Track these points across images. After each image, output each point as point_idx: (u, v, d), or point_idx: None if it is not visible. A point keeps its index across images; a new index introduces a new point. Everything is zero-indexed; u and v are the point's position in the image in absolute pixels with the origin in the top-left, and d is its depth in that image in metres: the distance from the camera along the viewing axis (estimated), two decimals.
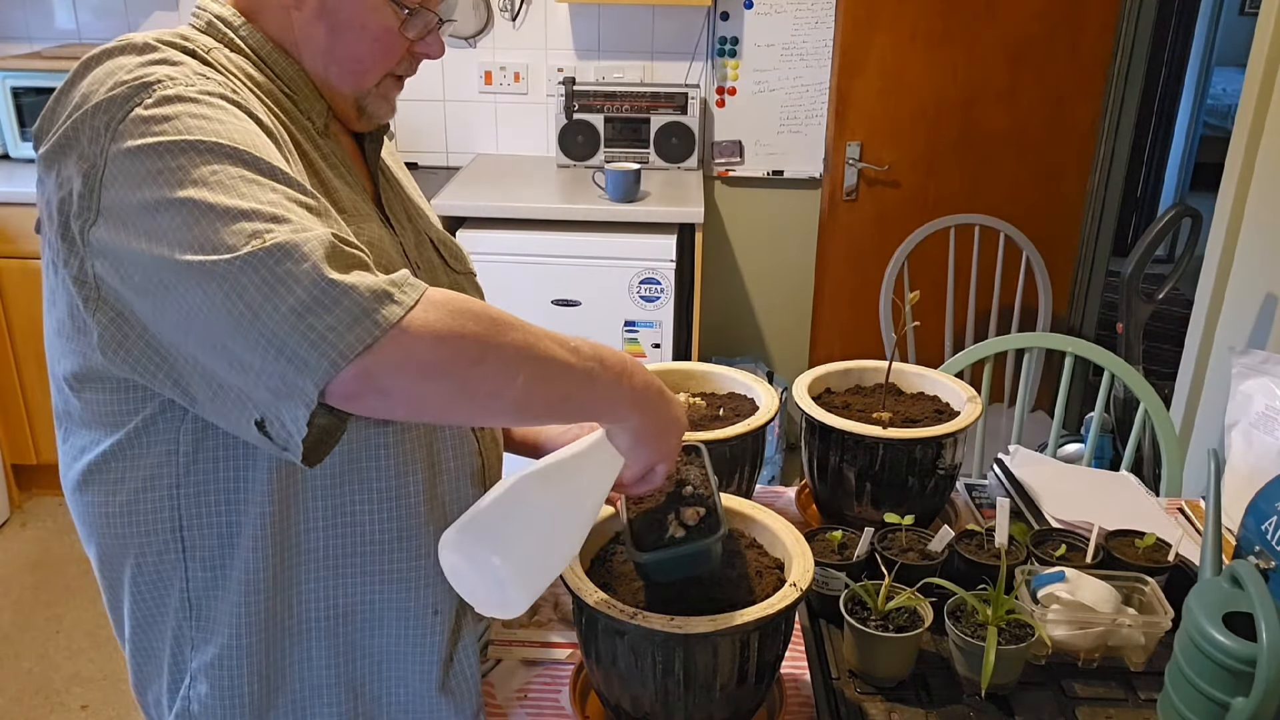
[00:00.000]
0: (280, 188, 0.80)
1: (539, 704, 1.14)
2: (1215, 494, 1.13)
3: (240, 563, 0.94)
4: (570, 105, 3.28)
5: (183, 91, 0.83)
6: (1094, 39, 3.13)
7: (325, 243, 0.75)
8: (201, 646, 0.97)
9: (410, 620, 1.02)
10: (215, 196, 0.77)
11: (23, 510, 3.28)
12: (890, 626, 1.09)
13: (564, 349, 0.84)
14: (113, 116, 0.81)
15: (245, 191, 0.78)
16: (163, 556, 0.96)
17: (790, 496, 1.57)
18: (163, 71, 0.84)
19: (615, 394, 0.90)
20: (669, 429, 0.96)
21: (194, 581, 0.96)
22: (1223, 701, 0.94)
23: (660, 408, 0.94)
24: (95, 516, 0.97)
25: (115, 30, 3.37)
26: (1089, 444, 2.19)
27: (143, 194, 0.79)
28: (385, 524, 0.97)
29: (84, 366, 0.90)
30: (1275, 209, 2.31)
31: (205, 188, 0.77)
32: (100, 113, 0.81)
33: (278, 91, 0.98)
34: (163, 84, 0.83)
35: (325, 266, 0.74)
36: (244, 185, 0.78)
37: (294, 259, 0.74)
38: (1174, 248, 5.28)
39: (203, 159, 0.79)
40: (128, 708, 2.46)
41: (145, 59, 0.85)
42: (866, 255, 3.34)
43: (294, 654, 0.99)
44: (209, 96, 0.84)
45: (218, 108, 0.83)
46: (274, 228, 0.75)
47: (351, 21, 0.98)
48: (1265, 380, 1.56)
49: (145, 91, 0.82)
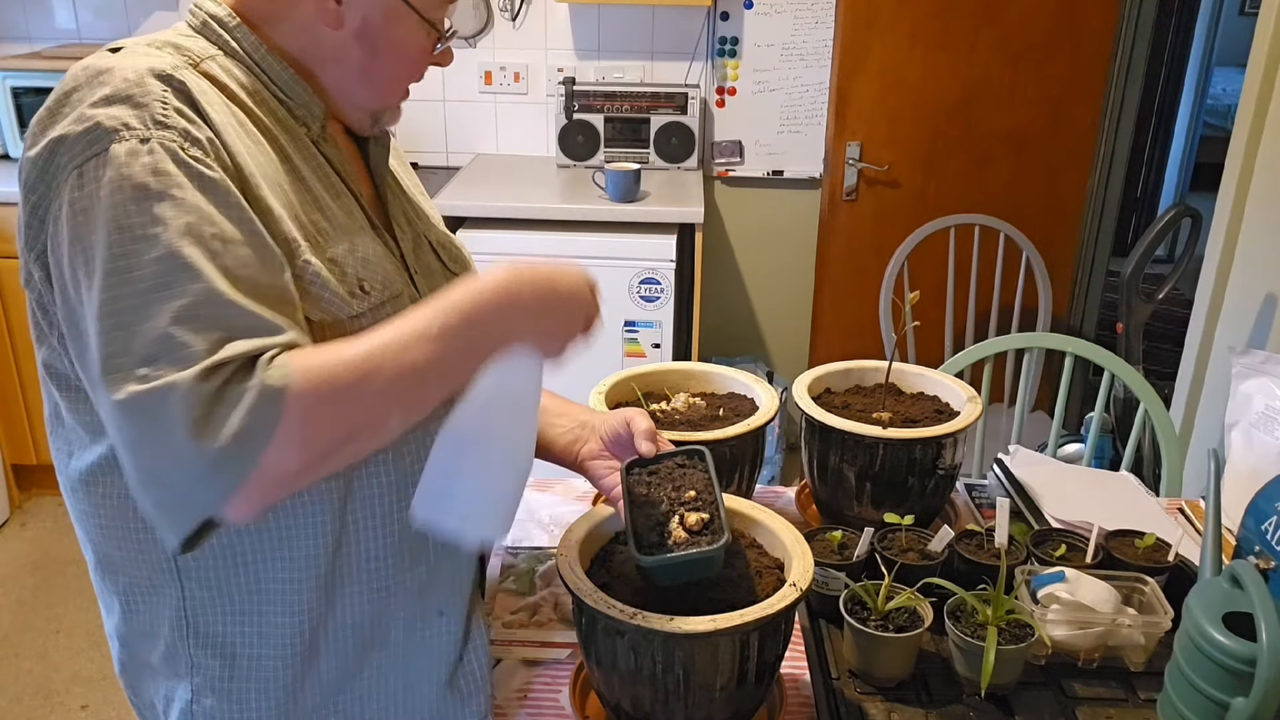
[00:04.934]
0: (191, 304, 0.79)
1: (539, 704, 1.14)
2: (1215, 494, 1.13)
3: (239, 586, 0.94)
4: (570, 105, 3.28)
5: (152, 159, 0.82)
6: (1094, 39, 3.13)
7: (190, 399, 0.75)
8: (202, 664, 0.97)
9: (416, 625, 1.02)
10: (125, 306, 0.78)
11: (23, 510, 3.28)
12: (890, 626, 1.09)
13: (425, 346, 0.84)
14: (73, 158, 0.82)
15: (149, 312, 0.78)
16: (157, 573, 0.95)
17: (790, 496, 1.57)
18: (135, 123, 0.83)
19: (497, 341, 0.89)
20: (557, 313, 0.93)
21: (190, 601, 0.95)
22: (1223, 701, 0.94)
23: (541, 311, 0.91)
24: (89, 522, 0.97)
25: (115, 30, 3.37)
26: (1089, 444, 2.19)
27: (76, 249, 0.82)
28: (388, 538, 0.97)
29: (51, 360, 0.91)
30: (1275, 209, 2.30)
31: (120, 288, 0.79)
32: (65, 148, 0.83)
33: (273, 99, 0.96)
34: (125, 136, 0.82)
35: (189, 430, 0.75)
36: (153, 302, 0.78)
37: (164, 414, 0.75)
38: (1174, 248, 5.28)
39: (139, 249, 0.79)
40: (128, 708, 2.45)
41: (126, 95, 0.84)
42: (866, 255, 3.34)
43: (299, 668, 0.98)
44: (176, 167, 0.83)
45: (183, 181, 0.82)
46: (151, 375, 0.76)
47: (392, 43, 0.98)
48: (1265, 380, 1.56)
49: (110, 139, 0.82)
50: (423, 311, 0.85)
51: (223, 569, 0.94)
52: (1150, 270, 2.86)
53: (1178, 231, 2.93)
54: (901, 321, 2.99)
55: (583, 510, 1.49)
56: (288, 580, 0.95)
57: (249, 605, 0.95)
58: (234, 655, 0.96)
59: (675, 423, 1.37)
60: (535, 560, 1.38)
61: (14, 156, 3.23)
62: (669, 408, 1.41)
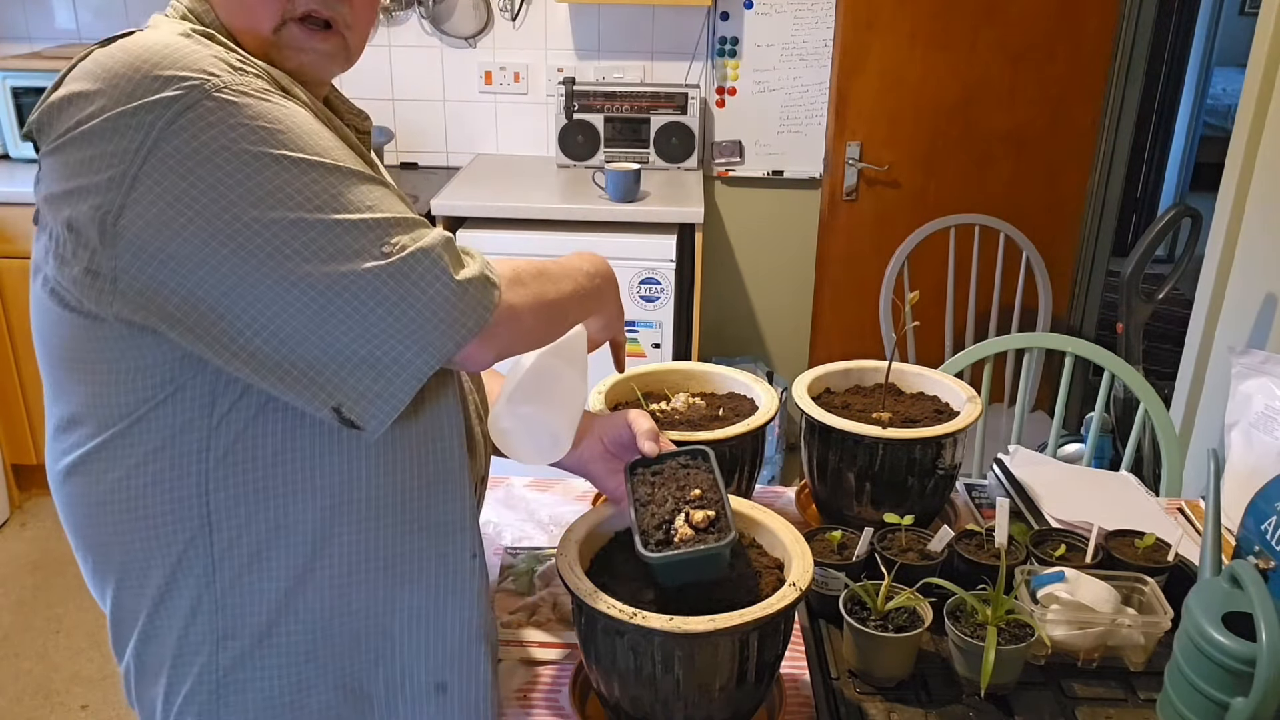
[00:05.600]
0: (376, 186, 0.90)
1: (539, 704, 1.14)
2: (1215, 494, 1.13)
3: (264, 517, 0.94)
4: (570, 105, 3.28)
5: (237, 93, 0.85)
6: (1094, 39, 3.13)
7: (445, 244, 0.89)
8: (236, 613, 0.96)
9: (449, 565, 1.01)
10: (327, 210, 0.86)
11: (23, 510, 3.28)
12: (890, 626, 1.09)
13: (582, 278, 1.06)
14: (160, 114, 0.82)
15: (352, 199, 0.87)
16: (179, 533, 0.94)
17: (790, 496, 1.57)
18: (213, 69, 0.86)
19: (598, 305, 1.12)
20: (619, 306, 1.19)
21: (217, 560, 0.94)
22: (1222, 702, 0.94)
23: (617, 299, 1.17)
24: (87, 505, 0.95)
25: (115, 30, 3.35)
26: (1089, 444, 2.19)
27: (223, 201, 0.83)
28: (423, 470, 0.98)
29: (82, 331, 0.89)
30: (1275, 209, 2.30)
31: (313, 199, 0.85)
32: (146, 110, 0.82)
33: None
34: (213, 82, 0.84)
35: (450, 269, 0.88)
36: (347, 190, 0.87)
37: (427, 264, 0.87)
38: (1174, 248, 5.29)
39: (298, 168, 0.85)
40: (127, 708, 2.46)
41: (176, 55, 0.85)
42: (866, 255, 3.34)
43: (333, 605, 0.97)
44: (266, 94, 0.87)
45: (281, 106, 0.88)
46: (400, 238, 0.87)
47: None
48: (1265, 380, 1.56)
49: (200, 90, 0.83)
50: (570, 257, 1.08)
51: (250, 504, 0.93)
52: (1150, 270, 2.86)
53: (1178, 231, 2.93)
54: (901, 321, 2.99)
55: (583, 510, 1.49)
56: (312, 507, 0.94)
57: (272, 537, 0.95)
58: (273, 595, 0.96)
59: (675, 423, 1.37)
60: (534, 560, 1.38)
61: (14, 157, 3.23)
62: (669, 408, 1.41)
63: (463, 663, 1.04)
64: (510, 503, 1.54)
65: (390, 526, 0.97)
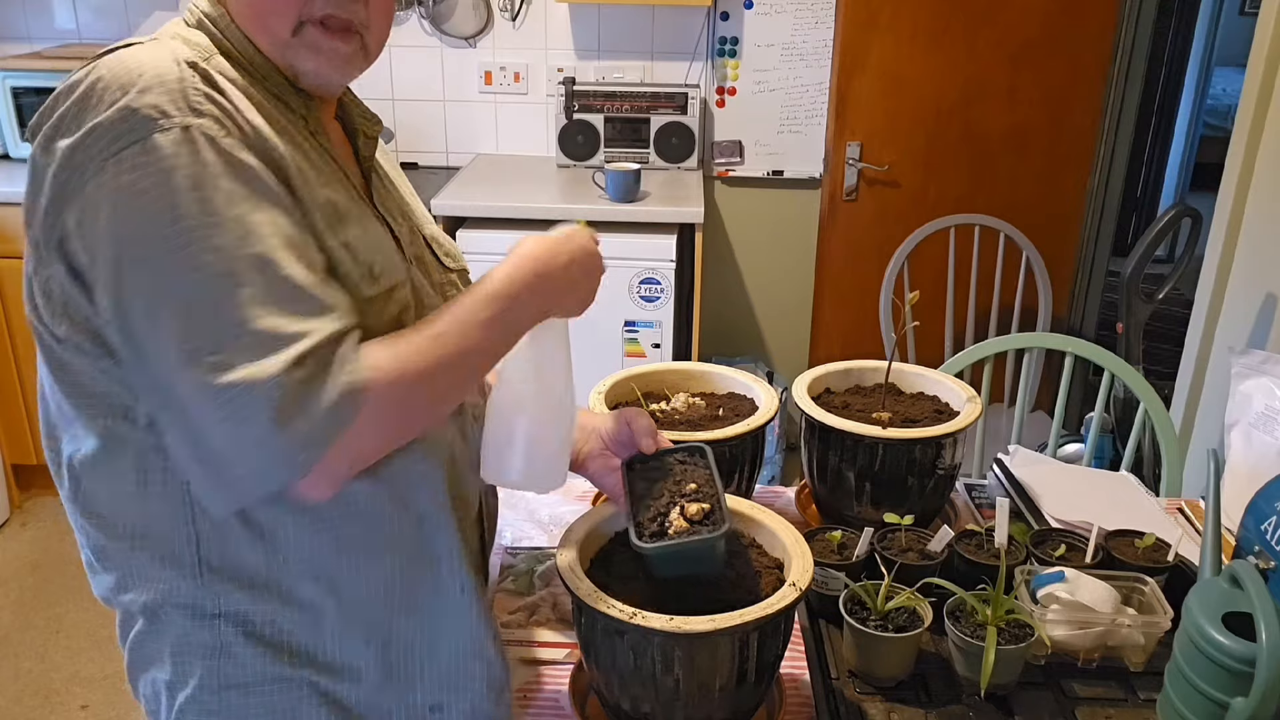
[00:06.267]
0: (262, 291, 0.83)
1: (539, 704, 1.14)
2: (1215, 494, 1.13)
3: (259, 556, 0.94)
4: (570, 105, 3.28)
5: (176, 145, 0.83)
6: (1094, 39, 3.13)
7: (291, 373, 0.81)
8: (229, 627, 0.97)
9: (444, 598, 1.01)
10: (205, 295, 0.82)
11: (23, 510, 3.28)
12: (890, 626, 1.09)
13: (478, 332, 0.94)
14: (108, 144, 0.82)
15: (223, 301, 0.82)
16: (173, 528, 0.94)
17: (790, 496, 1.57)
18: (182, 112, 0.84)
19: (536, 314, 1.00)
20: (579, 278, 1.03)
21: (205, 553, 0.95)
22: (1222, 701, 0.94)
23: (568, 281, 1.02)
24: (110, 504, 0.96)
25: (115, 30, 3.37)
26: (1089, 444, 2.19)
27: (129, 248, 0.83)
28: (416, 508, 0.98)
29: (56, 346, 0.91)
30: (1275, 209, 2.30)
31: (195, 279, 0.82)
32: (97, 136, 0.83)
33: (268, 95, 0.96)
34: (167, 120, 0.83)
35: (278, 409, 0.80)
36: (225, 290, 0.82)
37: (247, 402, 0.80)
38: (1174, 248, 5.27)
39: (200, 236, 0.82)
40: (128, 708, 2.46)
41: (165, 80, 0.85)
42: (866, 255, 3.34)
43: (325, 632, 0.98)
44: (227, 150, 0.85)
45: (236, 167, 0.85)
46: (240, 369, 0.81)
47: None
48: (1265, 380, 1.56)
49: (149, 127, 0.82)
50: (467, 299, 0.94)
51: (237, 536, 0.94)
52: (1150, 270, 2.86)
53: (1178, 231, 2.92)
54: (901, 321, 2.99)
55: (583, 510, 1.48)
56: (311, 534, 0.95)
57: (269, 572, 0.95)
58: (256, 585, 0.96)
59: (675, 423, 1.37)
60: (534, 560, 1.38)
61: (14, 156, 3.23)
62: (669, 408, 1.41)
63: (457, 682, 1.05)
64: (510, 503, 1.54)
65: (383, 565, 0.98)
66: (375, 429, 0.86)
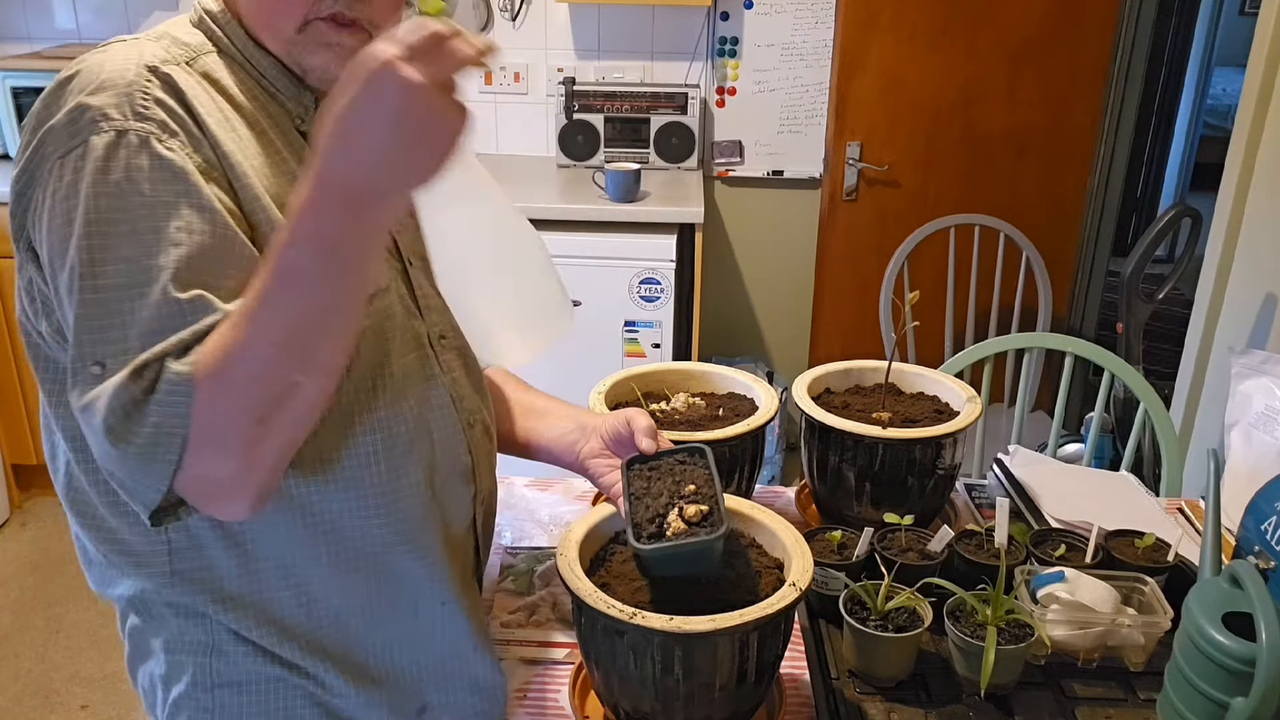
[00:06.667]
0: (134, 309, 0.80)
1: (539, 704, 1.14)
2: (1215, 494, 1.13)
3: (233, 567, 0.94)
4: (570, 105, 3.28)
5: (111, 150, 0.82)
6: (1094, 39, 3.13)
7: (113, 404, 0.77)
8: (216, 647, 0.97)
9: (418, 612, 1.02)
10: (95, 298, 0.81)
11: (23, 510, 3.28)
12: (890, 626, 1.09)
13: (286, 299, 0.76)
14: (57, 148, 0.84)
15: (113, 314, 0.80)
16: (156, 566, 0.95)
17: (790, 496, 1.57)
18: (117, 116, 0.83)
19: (365, 235, 0.77)
20: (407, 139, 0.72)
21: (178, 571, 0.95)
22: (1222, 701, 0.94)
23: (389, 159, 0.72)
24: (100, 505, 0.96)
25: (115, 30, 3.37)
26: (1089, 444, 2.19)
27: (57, 241, 0.83)
28: (383, 526, 0.97)
29: (40, 344, 0.92)
30: (1275, 209, 2.30)
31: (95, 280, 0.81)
32: (52, 138, 0.84)
33: (264, 93, 0.96)
34: (107, 123, 0.83)
35: (114, 433, 0.78)
36: (118, 303, 0.80)
37: (91, 417, 0.79)
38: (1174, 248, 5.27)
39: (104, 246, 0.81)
40: (128, 708, 2.46)
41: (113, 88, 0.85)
42: (866, 255, 3.34)
43: (304, 645, 0.98)
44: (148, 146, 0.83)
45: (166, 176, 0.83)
46: (100, 376, 0.79)
47: None
48: (1265, 380, 1.56)
49: (90, 130, 0.83)
50: (269, 260, 0.76)
51: (212, 549, 0.94)
52: (1150, 270, 2.86)
53: (1178, 231, 2.92)
54: (901, 321, 2.99)
55: (583, 510, 1.49)
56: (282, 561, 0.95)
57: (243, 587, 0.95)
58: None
59: (675, 423, 1.37)
60: (534, 560, 1.38)
61: (14, 157, 3.23)
62: (669, 408, 1.41)
63: (445, 686, 1.05)
64: (510, 503, 1.54)
65: (357, 584, 0.98)
66: (214, 434, 0.78)
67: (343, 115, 0.71)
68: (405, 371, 0.99)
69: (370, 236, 0.77)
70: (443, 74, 0.71)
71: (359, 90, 0.70)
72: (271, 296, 0.76)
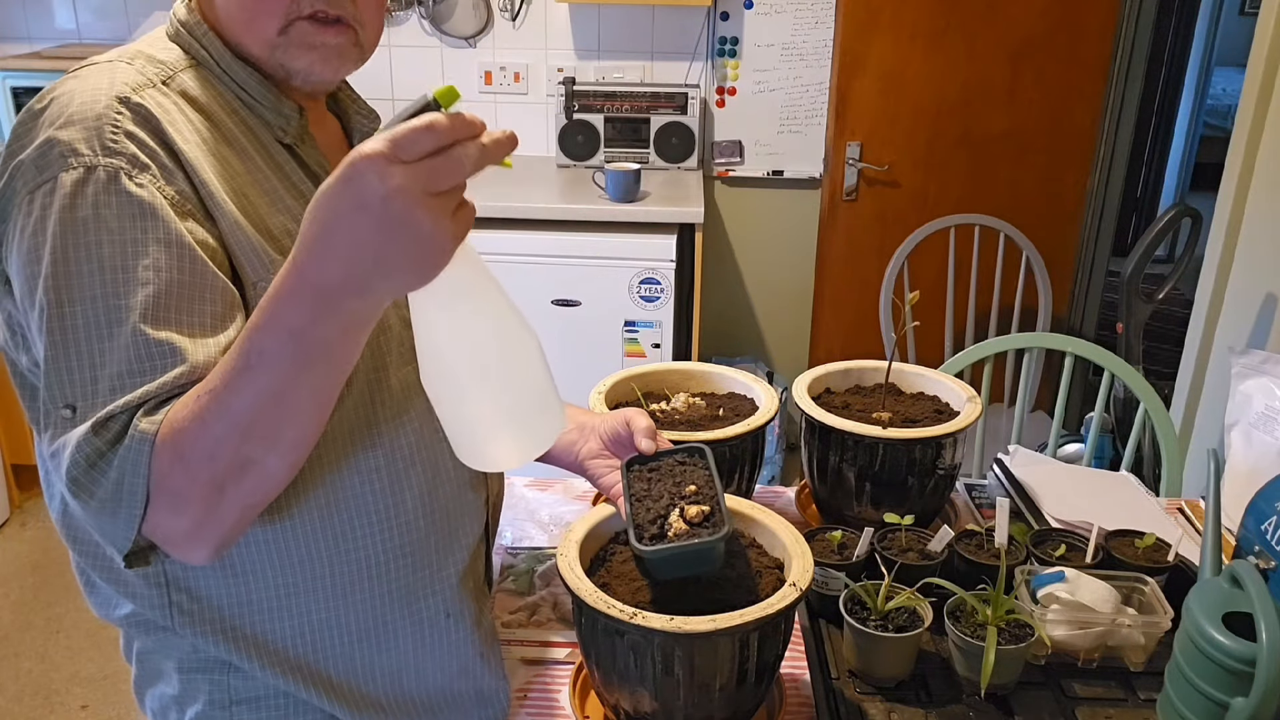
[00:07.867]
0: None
1: (539, 704, 1.14)
2: (1215, 494, 1.13)
3: (233, 597, 0.93)
4: (570, 105, 3.28)
5: (76, 192, 0.81)
6: (1094, 39, 3.13)
7: (77, 456, 0.77)
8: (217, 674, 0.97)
9: (424, 629, 1.01)
10: (66, 343, 0.79)
11: (23, 510, 3.28)
12: (890, 626, 1.09)
13: (248, 380, 0.73)
14: (26, 182, 0.83)
15: (78, 357, 0.79)
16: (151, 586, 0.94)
17: (790, 496, 1.57)
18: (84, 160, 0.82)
19: (345, 322, 0.73)
20: (410, 247, 0.67)
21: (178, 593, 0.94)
22: (1222, 701, 0.94)
23: (376, 257, 0.67)
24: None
25: (115, 30, 3.37)
26: (1089, 444, 2.19)
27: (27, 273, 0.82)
28: (386, 543, 0.96)
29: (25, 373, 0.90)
30: (1275, 209, 2.30)
31: (67, 327, 0.79)
32: (22, 173, 0.83)
33: (244, 107, 0.94)
34: (75, 161, 0.81)
35: (79, 486, 0.77)
36: (84, 345, 0.79)
37: (57, 464, 0.78)
38: (1174, 248, 5.27)
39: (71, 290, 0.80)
40: (128, 708, 2.46)
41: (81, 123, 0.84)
42: (866, 255, 3.34)
43: (306, 671, 0.98)
44: (115, 185, 0.82)
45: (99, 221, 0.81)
46: (69, 422, 0.78)
47: None
48: (1265, 380, 1.56)
49: (59, 166, 0.81)
50: (240, 338, 0.74)
51: (213, 579, 0.93)
52: (1150, 270, 2.86)
53: (1178, 231, 2.93)
54: (901, 321, 2.99)
55: (583, 510, 1.49)
56: (282, 588, 0.94)
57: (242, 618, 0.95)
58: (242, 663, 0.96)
59: (675, 423, 1.37)
60: (535, 560, 1.38)
61: None
62: (669, 408, 1.41)
63: (449, 702, 1.05)
64: (510, 503, 1.54)
65: (359, 601, 0.97)
66: (172, 494, 0.76)
67: (325, 206, 0.67)
68: (404, 384, 0.98)
69: (346, 330, 0.73)
70: (435, 182, 0.66)
71: (342, 186, 0.66)
72: (237, 379, 0.73)
